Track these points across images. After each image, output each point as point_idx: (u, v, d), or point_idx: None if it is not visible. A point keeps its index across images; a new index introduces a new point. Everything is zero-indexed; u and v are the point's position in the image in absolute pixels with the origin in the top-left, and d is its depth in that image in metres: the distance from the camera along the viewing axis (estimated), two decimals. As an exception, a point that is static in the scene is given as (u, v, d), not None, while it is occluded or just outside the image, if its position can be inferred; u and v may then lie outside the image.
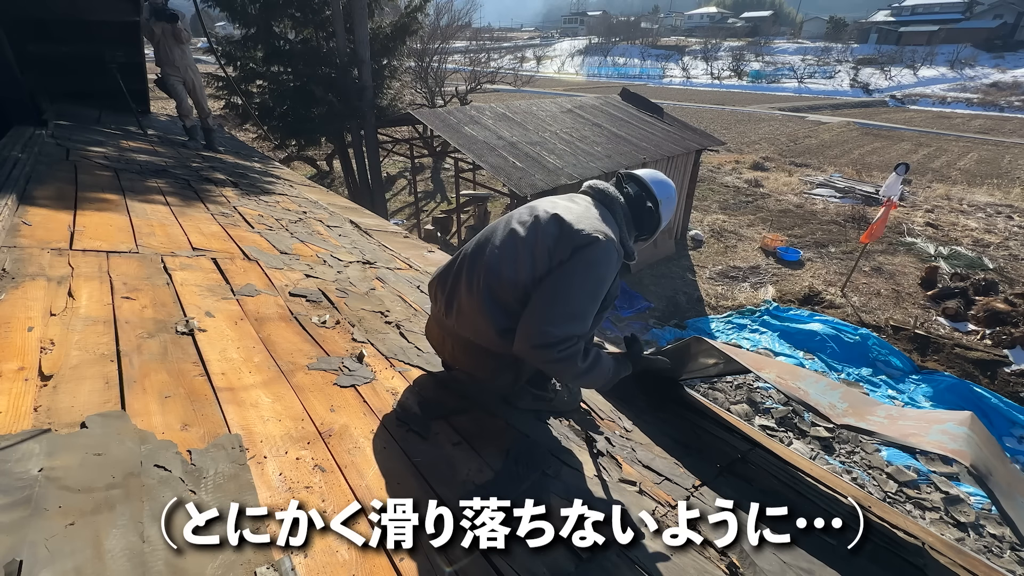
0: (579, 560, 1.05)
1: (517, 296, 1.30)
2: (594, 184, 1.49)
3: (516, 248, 1.31)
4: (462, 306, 1.37)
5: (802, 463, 1.60)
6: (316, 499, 1.08)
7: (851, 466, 5.02)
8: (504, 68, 26.94)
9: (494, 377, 1.43)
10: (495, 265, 1.32)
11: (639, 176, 1.52)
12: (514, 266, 1.30)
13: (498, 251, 1.33)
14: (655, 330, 7.58)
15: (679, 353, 1.75)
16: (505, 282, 1.30)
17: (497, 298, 1.32)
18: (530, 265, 1.28)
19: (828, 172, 16.61)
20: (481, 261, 1.35)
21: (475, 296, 1.34)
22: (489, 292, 1.32)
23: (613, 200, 1.44)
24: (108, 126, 5.43)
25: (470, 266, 1.37)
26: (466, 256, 1.41)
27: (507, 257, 1.31)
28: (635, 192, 1.48)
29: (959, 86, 40.46)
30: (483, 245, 1.39)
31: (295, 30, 9.95)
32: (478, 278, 1.34)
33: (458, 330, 1.40)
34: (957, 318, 7.74)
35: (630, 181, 1.52)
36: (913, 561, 1.27)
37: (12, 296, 1.53)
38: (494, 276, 1.31)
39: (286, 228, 3.13)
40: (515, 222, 1.37)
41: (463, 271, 1.39)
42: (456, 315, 1.39)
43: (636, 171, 1.55)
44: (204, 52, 8.64)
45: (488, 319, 1.31)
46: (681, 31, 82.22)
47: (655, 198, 1.49)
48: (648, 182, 1.50)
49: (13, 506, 0.88)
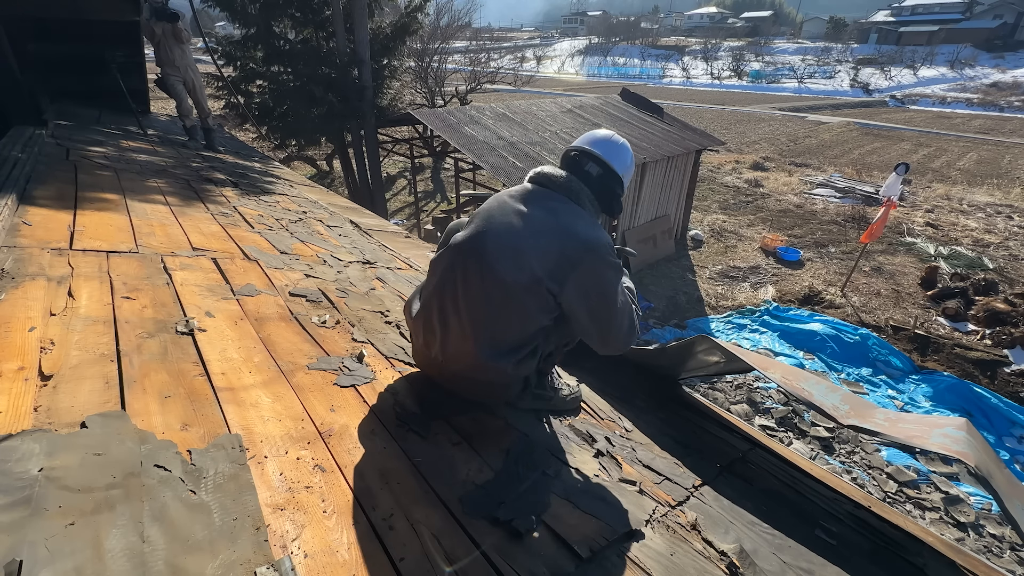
0: (579, 560, 1.05)
1: (523, 337, 1.30)
2: (556, 177, 1.33)
3: (522, 302, 1.25)
4: (459, 353, 1.32)
5: (802, 463, 1.60)
6: (316, 499, 1.08)
7: (851, 466, 5.02)
8: (504, 68, 26.93)
9: (509, 395, 1.44)
10: (491, 319, 1.27)
11: (598, 155, 1.36)
12: (524, 317, 1.28)
13: (496, 310, 1.26)
14: (655, 330, 7.58)
15: (682, 351, 1.75)
16: (513, 330, 1.29)
17: (502, 343, 1.29)
18: (545, 305, 1.27)
19: (828, 172, 16.61)
20: (475, 316, 1.28)
21: (475, 347, 1.29)
22: (491, 341, 1.29)
23: (581, 195, 1.33)
24: (108, 126, 5.43)
25: (459, 317, 1.30)
26: (445, 298, 1.32)
27: (510, 310, 1.26)
28: (597, 174, 1.35)
29: (959, 86, 40.46)
30: (470, 291, 1.27)
31: (295, 30, 9.95)
32: (477, 330, 1.28)
33: (460, 372, 1.36)
34: (957, 318, 7.74)
35: (588, 160, 1.36)
36: (913, 561, 1.27)
37: (12, 296, 1.53)
38: (497, 326, 1.28)
39: (286, 228, 3.13)
40: (502, 266, 1.24)
41: (450, 318, 1.31)
42: (452, 360, 1.35)
43: (590, 144, 1.37)
44: (203, 52, 8.60)
45: (499, 366, 1.29)
46: (681, 31, 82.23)
47: (619, 179, 1.37)
48: (609, 162, 1.36)
49: (13, 506, 0.88)
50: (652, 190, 9.91)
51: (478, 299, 1.27)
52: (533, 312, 1.27)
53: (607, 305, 1.26)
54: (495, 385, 1.37)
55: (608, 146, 1.38)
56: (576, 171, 1.36)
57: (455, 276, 1.31)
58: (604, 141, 1.39)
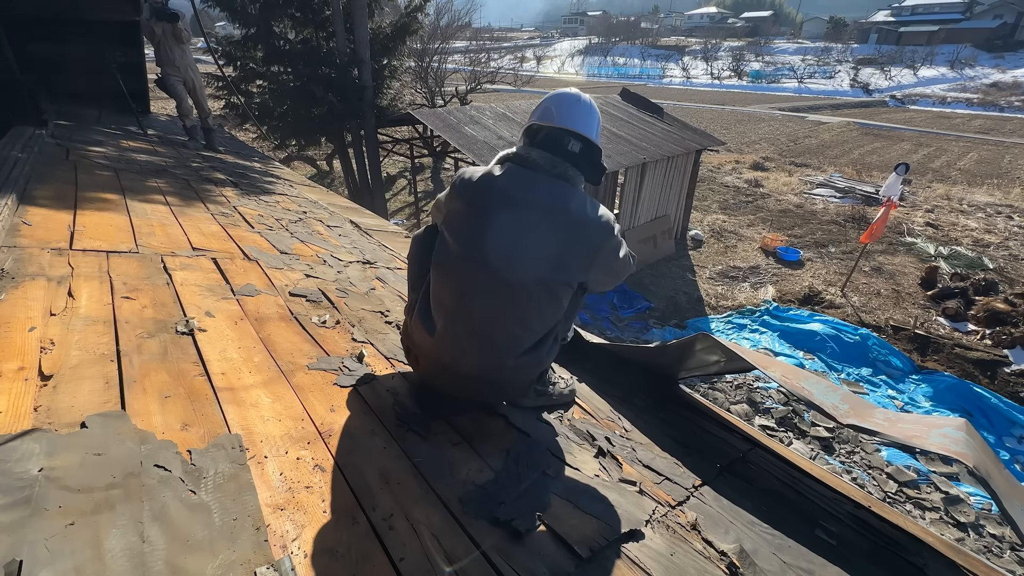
0: (579, 560, 1.05)
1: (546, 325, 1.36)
2: (547, 162, 1.31)
3: (548, 294, 1.31)
4: (491, 361, 1.34)
5: (802, 463, 1.60)
6: (316, 499, 1.08)
7: (851, 466, 5.02)
8: (504, 68, 26.92)
9: (525, 392, 1.49)
10: (520, 319, 1.31)
11: (577, 132, 1.32)
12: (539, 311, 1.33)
13: (521, 310, 1.31)
14: (655, 330, 7.58)
15: (683, 349, 1.75)
16: (543, 320, 1.34)
17: (532, 337, 1.35)
18: (568, 290, 1.35)
19: (828, 172, 16.61)
20: (506, 320, 1.31)
21: (509, 349, 1.33)
22: (522, 338, 1.33)
23: (574, 176, 1.34)
24: (108, 126, 5.43)
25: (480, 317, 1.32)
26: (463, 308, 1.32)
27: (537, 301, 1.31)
28: (579, 150, 1.33)
29: (959, 86, 40.47)
30: (497, 299, 1.29)
31: (295, 30, 9.95)
32: (510, 332, 1.32)
33: (487, 377, 1.37)
34: (957, 318, 7.74)
35: (569, 138, 1.32)
36: (913, 561, 1.27)
37: (12, 296, 1.53)
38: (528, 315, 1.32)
39: (286, 228, 3.13)
40: (524, 271, 1.27)
41: (478, 330, 1.32)
42: (485, 370, 1.35)
43: (566, 122, 1.32)
44: (204, 52, 8.61)
45: (533, 358, 1.36)
46: (681, 31, 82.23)
47: (599, 149, 1.38)
48: (589, 136, 1.34)
49: (13, 506, 0.88)
50: (652, 190, 9.91)
51: (505, 304, 1.30)
52: (558, 299, 1.34)
53: (624, 269, 1.44)
54: (521, 383, 1.42)
55: (583, 120, 1.35)
56: (559, 151, 1.33)
57: (474, 288, 1.30)
58: (577, 116, 1.35)
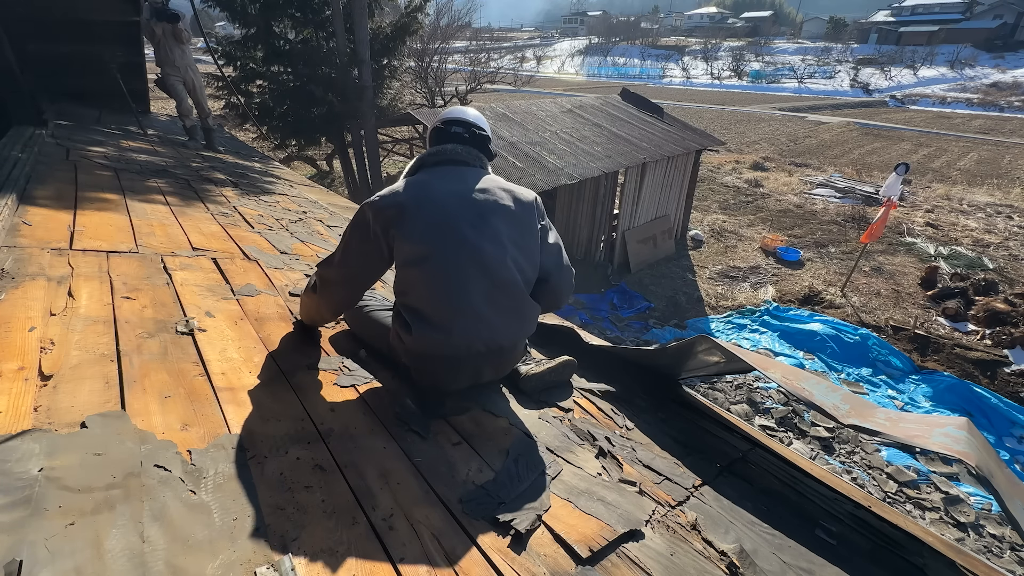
0: (579, 560, 1.05)
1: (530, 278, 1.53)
2: (465, 154, 1.55)
3: (526, 246, 1.51)
4: (507, 330, 1.48)
5: (802, 463, 1.60)
6: (316, 499, 1.08)
7: (851, 466, 5.02)
8: (504, 68, 26.88)
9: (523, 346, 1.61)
10: (511, 270, 1.45)
11: (479, 125, 1.60)
12: (524, 263, 1.51)
13: (509, 259, 1.45)
14: (655, 330, 7.58)
15: (682, 351, 1.75)
16: (527, 274, 1.51)
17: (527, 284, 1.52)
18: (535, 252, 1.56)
19: (828, 172, 16.61)
20: (509, 293, 1.45)
21: (522, 315, 1.51)
22: (519, 289, 1.47)
23: (483, 157, 1.61)
24: (108, 126, 5.43)
25: (485, 284, 1.43)
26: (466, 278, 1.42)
27: (522, 256, 1.50)
28: (484, 136, 1.62)
29: (959, 86, 40.45)
30: (480, 257, 1.41)
31: (295, 30, 9.94)
32: (516, 303, 1.48)
33: (503, 348, 1.48)
34: (957, 318, 7.74)
35: (480, 131, 1.60)
36: (913, 561, 1.27)
37: (12, 296, 1.53)
38: (521, 272, 1.48)
39: (286, 228, 3.13)
40: (510, 252, 1.46)
41: (478, 290, 1.42)
42: (502, 337, 1.46)
43: (472, 119, 1.60)
44: (204, 52, 8.63)
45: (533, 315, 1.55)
46: (681, 31, 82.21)
47: (486, 135, 1.63)
48: (486, 127, 1.63)
49: (13, 506, 0.88)
50: (652, 190, 9.91)
51: (496, 268, 1.42)
52: (532, 250, 1.54)
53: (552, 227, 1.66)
54: (527, 335, 1.57)
55: (461, 113, 1.64)
56: (478, 145, 1.60)
57: (466, 270, 1.40)
58: (457, 112, 1.63)
